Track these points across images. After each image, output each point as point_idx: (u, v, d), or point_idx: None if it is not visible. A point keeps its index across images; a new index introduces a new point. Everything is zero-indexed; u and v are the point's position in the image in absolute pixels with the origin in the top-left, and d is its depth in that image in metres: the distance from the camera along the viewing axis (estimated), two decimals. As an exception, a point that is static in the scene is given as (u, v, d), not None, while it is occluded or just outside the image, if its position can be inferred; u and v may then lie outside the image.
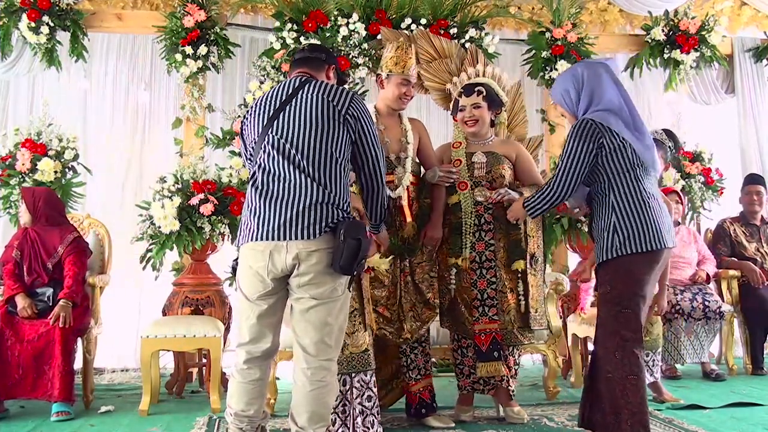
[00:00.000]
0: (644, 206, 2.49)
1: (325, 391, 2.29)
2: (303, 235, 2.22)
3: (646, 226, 2.47)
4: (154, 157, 5.02)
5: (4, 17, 4.54)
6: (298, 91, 2.37)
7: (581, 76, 2.63)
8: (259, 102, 2.44)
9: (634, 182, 2.51)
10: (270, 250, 2.25)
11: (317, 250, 2.23)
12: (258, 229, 2.27)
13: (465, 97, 3.29)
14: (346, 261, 2.20)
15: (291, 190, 2.26)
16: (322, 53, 2.59)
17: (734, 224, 4.78)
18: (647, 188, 2.54)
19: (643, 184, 2.53)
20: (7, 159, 4.15)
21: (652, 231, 2.47)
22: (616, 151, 2.52)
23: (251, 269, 2.30)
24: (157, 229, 3.75)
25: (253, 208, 2.31)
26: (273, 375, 3.40)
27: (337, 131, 2.33)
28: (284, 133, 2.31)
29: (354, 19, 4.57)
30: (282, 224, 2.23)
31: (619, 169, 2.52)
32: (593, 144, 2.52)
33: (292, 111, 2.34)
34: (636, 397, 2.43)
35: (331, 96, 2.35)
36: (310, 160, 2.28)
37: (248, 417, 2.34)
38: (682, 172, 4.93)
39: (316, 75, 2.51)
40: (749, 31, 5.79)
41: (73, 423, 3.23)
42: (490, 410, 3.35)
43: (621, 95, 2.61)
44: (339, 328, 2.33)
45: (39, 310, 3.42)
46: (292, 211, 2.24)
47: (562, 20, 4.97)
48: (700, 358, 4.24)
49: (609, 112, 2.56)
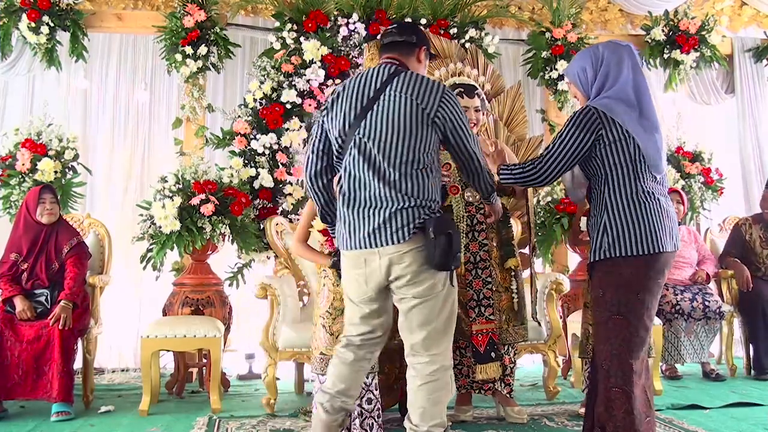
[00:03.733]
0: (639, 205, 2.28)
1: (437, 386, 2.27)
2: (392, 240, 2.23)
3: (640, 228, 2.26)
4: (154, 157, 5.02)
5: (4, 17, 4.55)
6: (386, 87, 2.30)
7: (601, 56, 2.42)
8: (343, 92, 2.37)
9: (631, 179, 2.30)
10: (364, 258, 2.29)
11: (409, 251, 2.24)
12: (350, 237, 2.31)
13: (467, 98, 3.25)
14: (441, 257, 2.20)
15: (375, 198, 2.27)
16: (413, 35, 2.45)
17: (753, 226, 4.63)
18: (647, 186, 2.31)
19: (642, 181, 2.31)
20: (7, 159, 4.15)
21: (646, 233, 2.26)
22: (615, 143, 2.31)
23: (351, 275, 2.36)
24: (157, 229, 3.75)
25: (343, 216, 2.34)
26: (273, 375, 3.41)
27: (424, 134, 2.28)
28: (370, 135, 2.28)
29: (354, 19, 4.57)
30: (371, 232, 2.25)
31: (617, 163, 2.31)
32: (590, 135, 2.32)
33: (378, 112, 2.29)
34: (620, 411, 2.25)
35: (420, 98, 2.28)
36: (393, 165, 2.26)
37: (330, 394, 2.37)
38: (682, 172, 4.93)
39: (406, 60, 2.42)
40: (750, 30, 5.78)
41: (73, 423, 3.23)
42: (490, 410, 3.35)
43: (636, 83, 2.38)
44: (444, 323, 2.32)
45: (38, 313, 3.42)
46: (378, 218, 2.25)
47: (562, 20, 4.97)
48: (700, 358, 4.24)
49: (617, 101, 2.35)
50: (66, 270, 3.54)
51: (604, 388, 2.30)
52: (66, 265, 3.55)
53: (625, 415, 2.25)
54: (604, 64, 2.41)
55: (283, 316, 3.46)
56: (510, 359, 3.27)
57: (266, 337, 3.40)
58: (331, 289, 2.77)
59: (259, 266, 4.30)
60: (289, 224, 3.97)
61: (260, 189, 4.24)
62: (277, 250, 3.87)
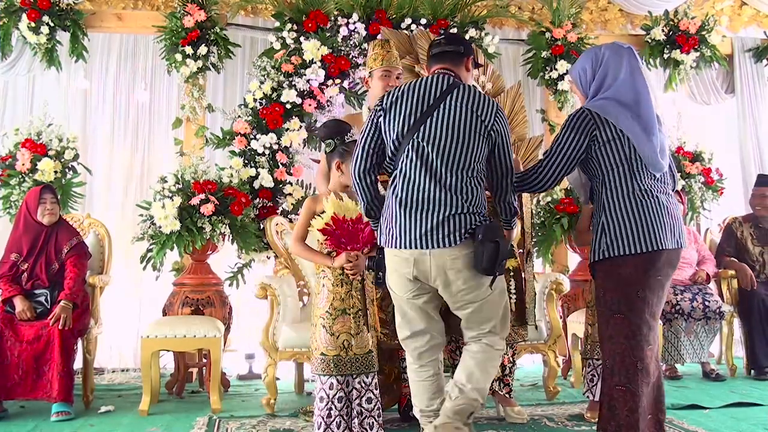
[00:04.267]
0: (636, 204, 2.31)
1: (490, 356, 2.45)
2: (445, 243, 2.32)
3: (637, 226, 2.29)
4: (154, 157, 5.02)
5: (4, 17, 4.54)
6: (446, 96, 2.43)
7: (602, 57, 2.47)
8: (402, 97, 2.46)
9: (627, 178, 2.34)
10: (414, 258, 2.37)
11: (459, 256, 2.34)
12: (400, 237, 2.37)
13: None
14: (488, 262, 2.30)
15: (430, 201, 2.35)
16: (460, 45, 2.60)
17: (744, 225, 4.69)
18: (644, 185, 2.34)
19: (639, 180, 2.34)
20: (7, 159, 4.14)
21: (644, 231, 2.29)
22: (609, 143, 2.35)
23: (397, 272, 2.44)
24: (157, 229, 3.75)
25: (393, 214, 2.40)
26: (273, 375, 3.40)
27: (479, 144, 2.41)
28: (429, 140, 2.39)
29: (354, 19, 4.57)
30: (423, 234, 2.34)
31: (612, 163, 2.35)
32: (585, 137, 2.37)
33: (439, 118, 2.41)
34: (623, 410, 2.26)
35: (479, 110, 2.42)
36: (450, 170, 2.37)
37: (434, 411, 2.48)
38: (682, 172, 4.93)
39: (456, 70, 2.55)
40: (750, 30, 5.78)
41: (73, 423, 3.23)
42: (490, 410, 3.35)
43: (635, 84, 2.41)
44: (501, 318, 2.48)
45: (37, 313, 3.42)
46: (432, 221, 2.34)
47: (562, 20, 4.97)
48: (700, 359, 4.24)
49: (613, 102, 2.39)
50: (66, 270, 3.53)
51: (608, 387, 2.32)
52: (66, 265, 3.55)
53: (629, 413, 2.26)
54: (603, 65, 2.46)
55: (283, 316, 3.46)
56: (509, 359, 3.26)
57: (266, 337, 3.40)
58: (331, 289, 2.77)
59: (259, 266, 4.30)
60: (289, 224, 3.96)
61: (260, 189, 4.24)
62: (277, 250, 3.87)
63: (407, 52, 3.54)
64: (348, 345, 2.70)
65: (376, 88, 3.21)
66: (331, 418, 2.67)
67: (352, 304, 2.74)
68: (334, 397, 2.68)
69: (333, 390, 2.68)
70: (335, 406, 2.68)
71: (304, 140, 4.41)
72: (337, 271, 2.76)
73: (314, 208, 2.82)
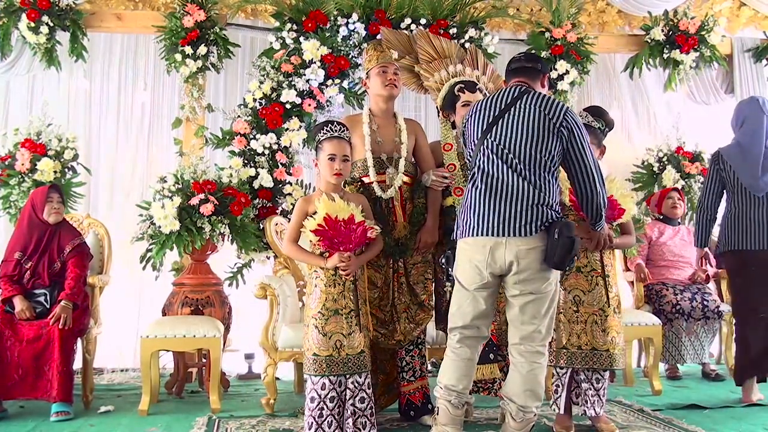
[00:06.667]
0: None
1: (539, 371, 2.55)
2: (521, 232, 2.42)
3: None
4: (154, 157, 5.02)
5: (4, 17, 4.54)
6: (516, 101, 2.58)
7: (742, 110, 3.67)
8: (478, 106, 2.66)
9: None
10: (490, 246, 2.46)
11: (534, 247, 2.44)
12: (478, 225, 2.48)
13: (469, 93, 3.22)
14: (560, 257, 2.40)
15: (509, 190, 2.47)
16: (538, 63, 2.78)
17: None
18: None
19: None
20: (7, 159, 4.14)
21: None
22: (724, 172, 3.60)
23: (470, 262, 2.52)
24: (157, 229, 3.75)
25: (472, 205, 2.53)
26: (273, 375, 3.40)
27: (550, 140, 2.51)
28: (502, 139, 2.53)
29: (354, 19, 4.57)
30: (502, 221, 2.44)
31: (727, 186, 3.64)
32: (713, 170, 3.68)
33: (510, 119, 2.55)
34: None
35: (547, 109, 2.54)
36: (529, 167, 2.48)
37: (457, 391, 2.55)
38: (682, 172, 4.93)
39: (532, 84, 2.71)
40: (748, 31, 5.78)
41: (73, 423, 3.23)
42: (490, 410, 3.35)
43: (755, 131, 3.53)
44: (550, 318, 2.57)
45: (37, 313, 3.41)
46: (511, 209, 2.45)
47: (561, 20, 4.97)
48: (701, 359, 4.25)
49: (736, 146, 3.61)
50: (67, 270, 3.53)
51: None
52: (67, 265, 3.55)
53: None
54: (738, 115, 3.70)
55: (282, 316, 3.46)
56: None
57: (266, 337, 3.40)
58: (323, 289, 2.76)
59: (258, 266, 4.30)
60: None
61: (260, 189, 4.24)
62: (276, 250, 3.87)
63: (407, 52, 3.54)
64: (340, 345, 2.69)
65: (375, 86, 3.20)
66: (323, 418, 2.67)
67: (344, 305, 2.74)
68: (326, 397, 2.68)
69: (325, 390, 2.69)
70: (327, 406, 2.68)
71: (303, 140, 4.41)
72: (329, 272, 2.76)
73: (306, 209, 2.82)
